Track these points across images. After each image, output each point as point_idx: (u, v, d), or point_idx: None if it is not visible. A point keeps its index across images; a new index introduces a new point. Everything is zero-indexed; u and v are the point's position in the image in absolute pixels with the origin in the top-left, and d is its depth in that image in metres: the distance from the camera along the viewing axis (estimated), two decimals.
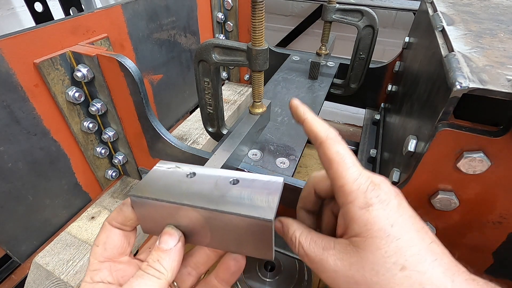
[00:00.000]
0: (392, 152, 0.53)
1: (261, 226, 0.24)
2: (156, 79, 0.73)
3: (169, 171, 0.29)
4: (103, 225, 0.30)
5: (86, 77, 0.47)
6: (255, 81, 0.48)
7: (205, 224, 0.26)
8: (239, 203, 0.25)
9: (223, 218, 0.25)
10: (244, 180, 0.27)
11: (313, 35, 2.10)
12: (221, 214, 0.25)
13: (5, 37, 0.40)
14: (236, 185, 0.27)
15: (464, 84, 0.29)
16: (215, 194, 0.26)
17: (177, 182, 0.28)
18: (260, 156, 0.50)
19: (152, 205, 0.27)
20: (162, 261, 0.26)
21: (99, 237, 0.29)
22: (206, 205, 0.25)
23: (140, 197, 0.26)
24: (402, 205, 0.28)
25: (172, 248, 0.27)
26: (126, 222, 0.29)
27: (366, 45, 0.71)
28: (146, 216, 0.28)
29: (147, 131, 0.52)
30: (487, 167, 0.32)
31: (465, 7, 0.52)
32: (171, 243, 0.27)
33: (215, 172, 0.29)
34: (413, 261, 0.25)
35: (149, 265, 0.26)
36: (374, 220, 0.27)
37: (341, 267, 0.27)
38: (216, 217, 0.25)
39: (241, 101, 0.91)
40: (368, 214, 0.27)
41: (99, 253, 0.29)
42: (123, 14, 0.59)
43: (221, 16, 0.85)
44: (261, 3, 0.39)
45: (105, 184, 0.63)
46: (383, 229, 0.26)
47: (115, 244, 0.29)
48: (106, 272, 0.28)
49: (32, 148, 0.47)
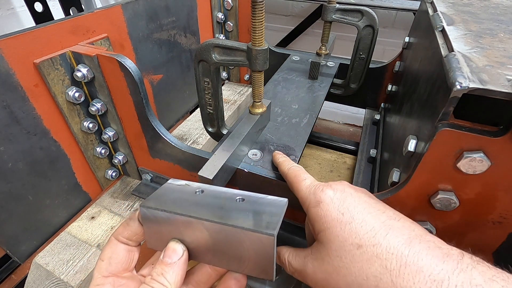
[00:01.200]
0: (392, 152, 0.53)
1: (263, 241, 0.25)
2: (156, 79, 0.73)
3: (178, 188, 0.31)
4: (109, 240, 0.31)
5: (86, 77, 0.47)
6: (255, 81, 0.48)
7: (209, 239, 0.27)
8: (243, 218, 0.26)
9: (226, 232, 0.26)
10: (250, 198, 0.29)
11: (313, 35, 2.10)
12: (224, 227, 0.26)
13: (5, 37, 0.40)
14: (242, 203, 0.28)
15: (464, 84, 0.29)
16: (221, 209, 0.27)
17: (186, 198, 0.29)
18: (260, 156, 0.50)
19: (159, 217, 0.28)
20: (166, 274, 0.27)
21: (105, 252, 0.30)
22: (211, 218, 0.26)
23: (150, 208, 0.27)
24: (354, 195, 0.32)
25: (176, 261, 0.27)
26: (132, 237, 0.30)
27: (366, 45, 0.71)
28: (153, 229, 0.29)
29: (147, 131, 0.52)
30: (487, 167, 0.32)
31: (465, 7, 0.52)
32: (174, 257, 0.27)
33: (222, 190, 0.30)
34: (367, 238, 0.28)
35: (153, 278, 0.26)
36: (326, 214, 0.31)
37: (317, 266, 0.30)
38: (219, 230, 0.26)
39: (241, 101, 0.91)
40: (320, 210, 0.32)
41: (104, 268, 0.29)
42: (123, 14, 0.59)
43: (221, 16, 0.85)
44: (261, 3, 0.39)
45: (105, 184, 0.63)
46: (335, 218, 0.30)
47: (120, 259, 0.30)
48: (109, 286, 0.29)
49: (32, 148, 0.47)
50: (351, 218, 0.30)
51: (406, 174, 0.38)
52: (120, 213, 0.58)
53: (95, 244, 0.53)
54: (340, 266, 0.29)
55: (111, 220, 0.57)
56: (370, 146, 0.73)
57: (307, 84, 0.72)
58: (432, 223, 0.40)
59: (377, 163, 0.63)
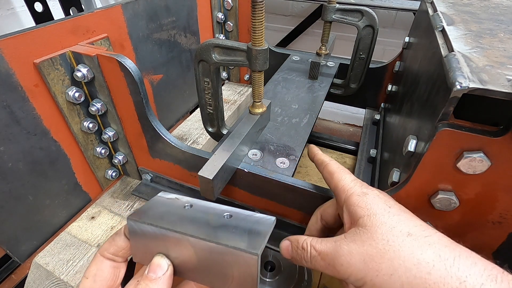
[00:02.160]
0: (392, 152, 0.53)
1: (246, 260, 0.24)
2: (156, 79, 0.73)
3: (168, 202, 0.31)
4: (95, 256, 0.30)
5: (86, 77, 0.47)
6: (255, 81, 0.48)
7: (194, 255, 0.27)
8: (228, 236, 0.26)
9: (211, 249, 0.26)
10: (237, 215, 0.29)
11: (313, 35, 2.10)
12: (209, 244, 0.26)
13: (5, 37, 0.40)
14: (230, 219, 0.29)
15: (464, 84, 0.29)
16: (208, 225, 0.28)
17: (174, 212, 0.30)
18: (260, 156, 0.50)
19: (146, 231, 0.28)
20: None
21: (90, 269, 0.29)
22: (196, 234, 0.26)
23: (137, 221, 0.28)
24: (391, 201, 0.33)
25: (160, 277, 0.27)
26: (118, 253, 0.30)
27: (366, 45, 0.71)
28: (139, 243, 0.29)
29: (147, 131, 0.52)
30: (487, 167, 0.32)
31: (465, 7, 0.52)
32: (159, 272, 0.27)
33: (211, 206, 0.31)
34: (417, 230, 0.29)
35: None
36: (373, 201, 0.32)
37: (354, 247, 0.30)
38: (204, 247, 0.26)
39: (241, 101, 0.91)
40: (367, 198, 0.32)
41: (88, 286, 0.29)
42: (123, 14, 0.59)
43: (221, 16, 0.85)
44: (261, 3, 0.39)
45: (105, 184, 0.63)
46: (382, 207, 0.31)
47: (105, 276, 0.29)
48: None
49: (32, 148, 0.47)
50: (398, 211, 0.31)
51: (406, 174, 0.38)
52: (120, 213, 0.58)
53: (95, 244, 0.53)
54: (386, 249, 0.28)
55: (111, 220, 0.57)
56: (370, 146, 0.73)
57: (307, 84, 0.72)
58: (432, 223, 0.40)
59: (377, 163, 0.63)
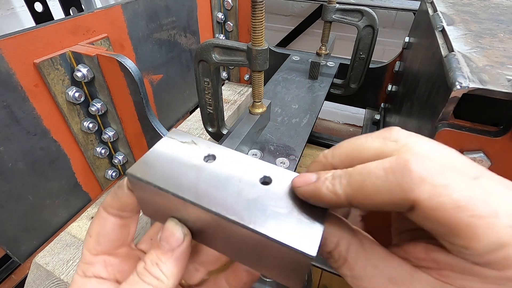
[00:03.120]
0: None
1: (296, 258, 0.18)
2: (156, 79, 0.73)
3: (182, 147, 0.23)
4: (98, 212, 0.24)
5: (86, 77, 0.47)
6: (255, 81, 0.48)
7: (219, 229, 0.20)
8: (269, 218, 0.18)
9: (243, 232, 0.19)
10: (279, 180, 0.20)
11: (313, 35, 2.10)
12: (243, 230, 0.18)
13: (5, 37, 0.40)
14: (268, 187, 0.20)
15: (464, 84, 0.29)
16: (238, 195, 0.20)
17: (190, 167, 0.21)
18: (260, 156, 0.50)
19: (154, 192, 0.20)
20: (162, 265, 0.21)
21: (92, 227, 0.24)
22: (223, 212, 0.19)
23: (140, 180, 0.20)
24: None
25: (174, 249, 0.21)
26: (124, 208, 0.23)
27: (366, 45, 0.71)
28: (147, 201, 0.22)
29: (147, 131, 0.52)
30: (487, 167, 0.32)
31: (465, 7, 0.52)
32: (173, 243, 0.21)
33: (241, 159, 0.22)
34: None
35: (146, 268, 0.21)
36: None
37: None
38: (235, 228, 0.19)
39: (241, 101, 0.91)
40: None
41: (92, 246, 0.24)
42: (123, 14, 0.59)
43: (221, 16, 0.85)
44: (261, 3, 0.39)
45: (105, 184, 0.63)
46: None
47: (111, 236, 0.24)
48: (100, 266, 0.24)
49: (32, 148, 0.47)
50: None
51: None
52: None
53: None
54: None
55: None
56: None
57: (307, 84, 0.72)
58: None
59: None
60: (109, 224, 0.23)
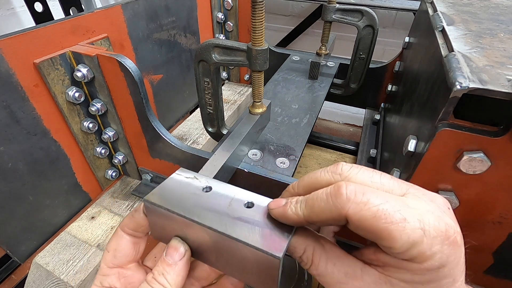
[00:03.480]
0: (392, 152, 0.53)
1: (267, 261, 0.23)
2: (156, 79, 0.73)
3: (186, 181, 0.30)
4: (116, 231, 0.30)
5: (86, 77, 0.47)
6: (255, 81, 0.48)
7: (212, 244, 0.26)
8: (249, 231, 0.24)
9: (230, 243, 0.24)
10: (259, 204, 0.27)
11: (313, 35, 2.10)
12: (227, 239, 0.24)
13: (5, 37, 0.40)
14: (250, 209, 0.26)
15: (464, 84, 0.29)
16: (227, 215, 0.26)
17: (192, 195, 0.28)
18: (260, 156, 0.50)
19: (163, 214, 0.27)
20: (166, 275, 0.26)
21: (111, 244, 0.30)
22: (215, 226, 0.25)
23: (153, 204, 0.27)
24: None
25: (177, 262, 0.27)
26: (138, 229, 0.30)
27: (366, 45, 0.71)
28: (157, 222, 0.28)
29: (147, 131, 0.52)
30: (487, 167, 0.32)
31: (465, 7, 0.52)
32: (176, 257, 0.27)
33: (231, 190, 0.29)
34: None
35: (154, 277, 0.26)
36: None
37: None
38: (223, 240, 0.25)
39: (241, 101, 0.91)
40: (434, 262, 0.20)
41: (109, 260, 0.29)
42: (123, 14, 0.59)
43: (221, 16, 0.85)
44: (261, 3, 0.39)
45: (105, 184, 0.63)
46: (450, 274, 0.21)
47: (125, 252, 0.30)
48: (114, 278, 0.29)
49: (32, 148, 0.47)
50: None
51: (406, 174, 0.38)
52: (120, 213, 0.58)
53: (95, 244, 0.53)
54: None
55: (111, 220, 0.57)
56: (370, 146, 0.73)
57: (307, 84, 0.72)
58: None
59: (377, 163, 0.63)
60: (124, 241, 0.30)
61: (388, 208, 0.20)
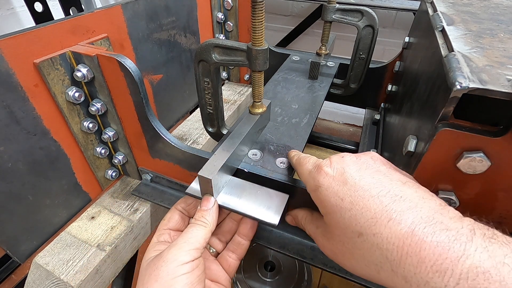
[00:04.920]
0: (392, 152, 0.53)
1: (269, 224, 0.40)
2: (156, 79, 0.73)
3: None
4: (171, 209, 0.46)
5: (86, 77, 0.47)
6: (255, 81, 0.48)
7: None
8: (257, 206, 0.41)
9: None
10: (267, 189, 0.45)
11: (313, 35, 2.10)
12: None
13: (5, 37, 0.40)
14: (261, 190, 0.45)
15: (464, 84, 0.29)
16: (239, 198, 0.43)
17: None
18: (260, 156, 0.50)
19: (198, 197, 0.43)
20: (206, 216, 0.39)
21: (167, 215, 0.44)
22: (232, 207, 0.42)
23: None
24: (356, 172, 0.31)
25: (210, 208, 0.40)
26: (186, 207, 0.46)
27: (366, 45, 0.71)
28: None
29: (147, 131, 0.52)
30: (487, 167, 0.31)
31: (465, 7, 0.52)
32: (209, 205, 0.40)
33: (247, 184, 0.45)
34: (367, 226, 0.27)
35: (196, 219, 0.39)
36: (325, 199, 0.31)
37: (324, 242, 0.34)
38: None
39: (241, 101, 0.91)
40: (319, 194, 0.32)
41: (164, 224, 0.43)
42: (123, 14, 0.59)
43: (221, 16, 0.85)
44: (261, 3, 0.39)
45: (105, 184, 0.63)
46: (334, 204, 0.30)
47: (176, 221, 0.44)
48: (167, 235, 0.42)
49: (32, 148, 0.47)
50: (350, 204, 0.29)
51: None
52: (120, 213, 0.58)
53: (95, 244, 0.53)
54: (344, 251, 0.30)
55: (111, 220, 0.57)
56: (370, 146, 0.73)
57: (307, 84, 0.72)
58: None
59: None
60: (176, 214, 0.45)
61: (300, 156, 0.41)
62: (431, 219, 0.25)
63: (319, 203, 0.33)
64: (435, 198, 0.28)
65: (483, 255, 0.22)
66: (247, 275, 0.89)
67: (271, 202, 0.42)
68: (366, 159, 0.33)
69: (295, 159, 0.42)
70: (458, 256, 0.22)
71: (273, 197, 0.42)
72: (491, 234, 0.24)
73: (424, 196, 0.28)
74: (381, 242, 0.26)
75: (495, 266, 0.21)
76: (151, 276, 0.33)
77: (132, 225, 0.56)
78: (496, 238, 0.23)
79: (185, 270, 0.33)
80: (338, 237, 0.30)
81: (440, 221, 0.25)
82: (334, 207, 0.30)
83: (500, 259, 0.21)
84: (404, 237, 0.25)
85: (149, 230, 0.63)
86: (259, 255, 0.94)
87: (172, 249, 0.35)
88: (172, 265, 0.33)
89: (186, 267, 0.34)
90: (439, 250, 0.23)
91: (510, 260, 0.21)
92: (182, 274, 0.33)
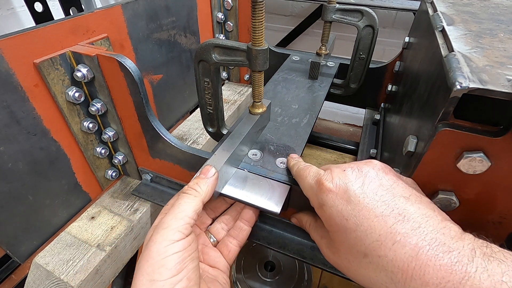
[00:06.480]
0: (392, 152, 0.53)
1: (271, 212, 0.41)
2: (156, 79, 0.73)
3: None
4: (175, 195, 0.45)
5: (86, 77, 0.47)
6: (255, 81, 0.48)
7: None
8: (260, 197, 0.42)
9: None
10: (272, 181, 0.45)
11: (313, 35, 2.10)
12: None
13: (5, 37, 0.40)
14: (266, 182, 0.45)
15: (464, 84, 0.29)
16: (244, 187, 0.44)
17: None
18: (260, 156, 0.50)
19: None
20: (199, 184, 0.37)
21: (170, 201, 0.43)
22: (237, 196, 0.43)
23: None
24: (359, 188, 0.30)
25: (209, 177, 0.38)
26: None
27: (366, 45, 0.71)
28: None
29: (147, 131, 0.52)
30: (487, 167, 0.31)
31: (465, 7, 0.52)
32: (208, 174, 0.38)
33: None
34: (372, 248, 0.27)
35: (189, 186, 0.37)
36: (330, 217, 0.31)
37: (328, 254, 0.35)
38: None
39: (241, 101, 0.91)
40: (324, 213, 0.32)
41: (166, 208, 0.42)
42: (123, 14, 0.59)
43: (221, 16, 0.85)
44: (261, 3, 0.39)
45: (105, 184, 0.63)
46: (339, 223, 0.30)
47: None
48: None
49: (32, 148, 0.47)
50: (355, 225, 0.29)
51: (406, 174, 0.38)
52: (120, 213, 0.58)
53: (95, 244, 0.53)
54: (349, 267, 0.31)
55: (111, 220, 0.57)
56: (370, 146, 0.73)
57: (307, 84, 0.72)
58: None
59: None
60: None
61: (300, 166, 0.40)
62: (434, 240, 0.26)
63: (323, 220, 0.33)
64: (436, 214, 0.29)
65: (483, 275, 0.23)
66: (247, 275, 0.89)
67: (273, 192, 0.43)
68: (368, 170, 0.32)
69: (294, 170, 0.41)
70: (460, 279, 0.23)
71: (275, 187, 0.43)
72: (490, 252, 0.25)
73: (427, 214, 0.28)
74: (386, 264, 0.26)
75: (493, 285, 0.22)
76: (143, 256, 0.33)
77: (132, 225, 0.56)
78: (494, 256, 0.24)
79: (175, 249, 0.32)
80: (344, 255, 0.31)
81: (442, 242, 0.25)
82: (339, 227, 0.30)
83: (498, 278, 0.23)
84: (408, 261, 0.25)
85: None
86: (259, 255, 0.94)
87: (159, 229, 0.34)
88: (161, 245, 0.32)
89: (176, 246, 0.32)
90: (442, 274, 0.24)
91: (508, 278, 0.22)
92: (173, 254, 0.32)
